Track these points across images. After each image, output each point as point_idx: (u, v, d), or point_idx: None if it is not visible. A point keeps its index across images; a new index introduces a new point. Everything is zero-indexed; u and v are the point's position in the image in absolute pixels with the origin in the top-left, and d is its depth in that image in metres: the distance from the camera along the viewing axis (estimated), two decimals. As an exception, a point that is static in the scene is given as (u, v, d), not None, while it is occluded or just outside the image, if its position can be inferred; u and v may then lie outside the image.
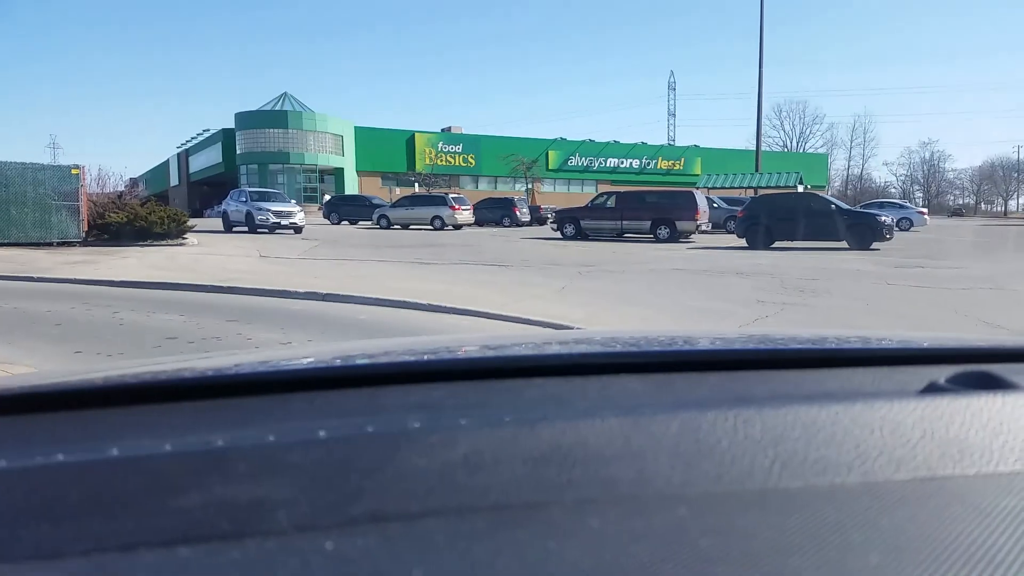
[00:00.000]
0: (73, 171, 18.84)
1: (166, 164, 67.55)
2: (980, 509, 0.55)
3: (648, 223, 23.14)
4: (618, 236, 23.82)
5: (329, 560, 0.47)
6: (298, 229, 24.92)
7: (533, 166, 56.08)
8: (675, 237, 22.69)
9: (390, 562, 0.47)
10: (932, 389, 0.78)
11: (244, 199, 26.41)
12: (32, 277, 11.53)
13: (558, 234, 24.76)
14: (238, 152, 52.53)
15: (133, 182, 25.80)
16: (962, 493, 0.58)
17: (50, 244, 18.02)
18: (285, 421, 0.73)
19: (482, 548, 0.49)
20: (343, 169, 54.07)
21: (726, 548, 0.49)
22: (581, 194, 61.36)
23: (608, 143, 65.29)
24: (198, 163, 60.29)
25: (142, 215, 18.48)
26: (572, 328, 6.64)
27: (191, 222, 19.72)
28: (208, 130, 58.60)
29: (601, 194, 25.59)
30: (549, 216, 39.33)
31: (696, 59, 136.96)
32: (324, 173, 53.75)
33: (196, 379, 0.88)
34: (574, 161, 63.65)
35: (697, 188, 29.62)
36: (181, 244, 18.43)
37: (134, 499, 0.52)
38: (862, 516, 0.53)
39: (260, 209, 25.16)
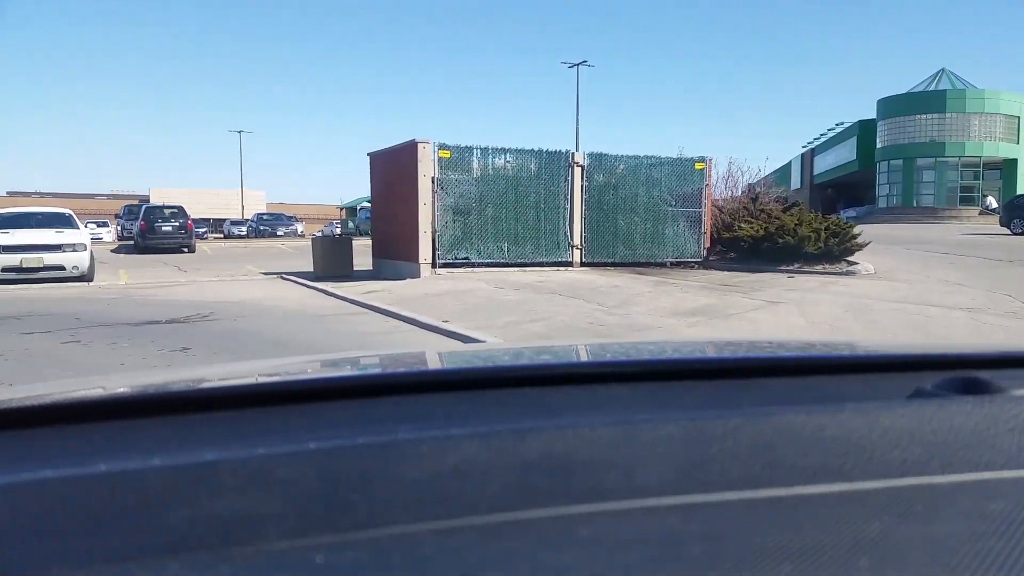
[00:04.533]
0: (697, 165, 13.76)
1: (788, 166, 62.79)
2: (967, 513, 0.55)
3: None
4: None
5: (320, 573, 0.47)
6: None
7: None
8: None
9: (381, 574, 0.48)
10: (919, 395, 0.78)
11: None
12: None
13: None
14: (878, 146, 44.05)
15: (766, 182, 19.55)
16: (950, 497, 0.58)
17: (662, 265, 13.24)
18: (274, 434, 0.74)
19: (473, 558, 0.49)
20: (1016, 160, 40.92)
21: (717, 555, 0.49)
22: None
23: None
24: (824, 163, 53.70)
25: (788, 227, 12.30)
26: None
27: (862, 237, 12.72)
28: (841, 123, 51.45)
29: None
30: None
31: None
32: (986, 167, 41.50)
33: (184, 393, 0.87)
34: None
35: None
36: (848, 273, 11.64)
37: (123, 514, 0.52)
38: (851, 521, 0.53)
39: None
